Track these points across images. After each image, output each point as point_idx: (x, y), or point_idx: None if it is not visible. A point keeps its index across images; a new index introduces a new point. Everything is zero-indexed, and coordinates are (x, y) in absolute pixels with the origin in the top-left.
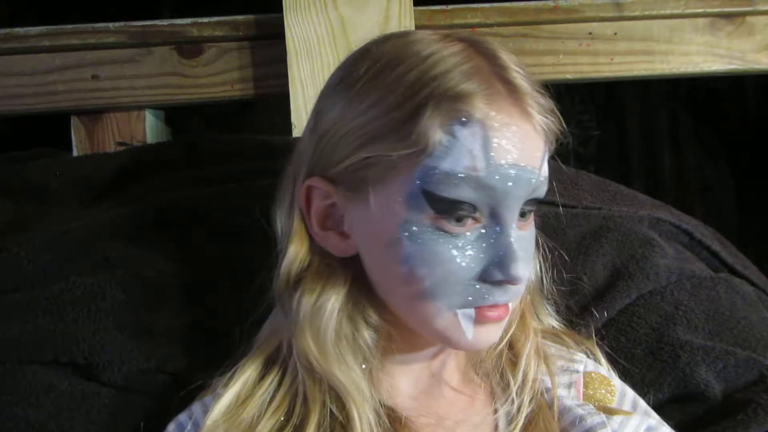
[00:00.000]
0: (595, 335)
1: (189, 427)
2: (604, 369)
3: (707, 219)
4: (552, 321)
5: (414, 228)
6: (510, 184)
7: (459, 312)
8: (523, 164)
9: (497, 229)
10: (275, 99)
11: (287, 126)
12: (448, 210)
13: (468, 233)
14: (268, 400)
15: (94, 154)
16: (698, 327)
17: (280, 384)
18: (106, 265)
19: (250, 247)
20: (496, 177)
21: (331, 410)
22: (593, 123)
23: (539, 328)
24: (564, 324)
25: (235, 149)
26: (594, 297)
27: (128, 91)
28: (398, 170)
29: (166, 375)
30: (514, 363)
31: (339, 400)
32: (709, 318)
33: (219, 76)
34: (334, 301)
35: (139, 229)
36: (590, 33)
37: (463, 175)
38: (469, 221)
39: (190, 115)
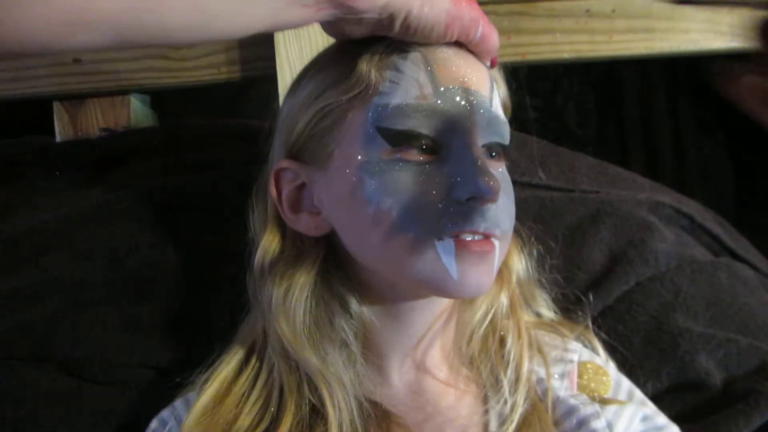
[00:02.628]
0: (592, 324)
1: (171, 424)
2: (601, 358)
3: (706, 201)
4: (546, 311)
5: (374, 165)
6: (461, 106)
7: (438, 245)
8: (471, 87)
9: (458, 152)
10: (267, 82)
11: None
12: (406, 142)
13: (429, 159)
14: (245, 395)
15: (76, 140)
16: (698, 314)
17: (256, 379)
18: (86, 255)
19: (235, 237)
20: (446, 100)
21: (310, 401)
22: (591, 104)
23: (531, 321)
24: (559, 313)
25: (218, 133)
26: (591, 284)
27: (112, 75)
28: (351, 115)
29: (150, 370)
30: (505, 359)
31: (317, 388)
32: (709, 305)
33: (205, 59)
34: (303, 281)
35: (121, 218)
36: (587, 10)
37: (414, 105)
38: (429, 149)
39: (176, 100)
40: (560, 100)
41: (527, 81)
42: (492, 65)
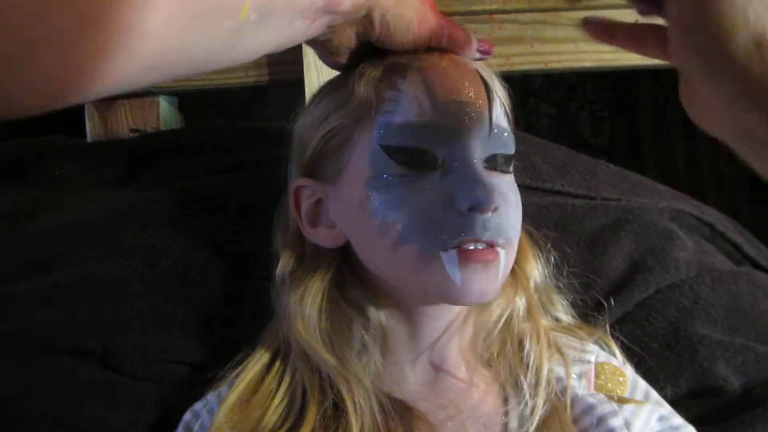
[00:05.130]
0: (611, 329)
1: (204, 415)
2: (617, 360)
3: (721, 208)
4: (565, 316)
5: (379, 181)
6: (459, 120)
7: (442, 255)
8: (468, 100)
9: (458, 165)
10: (290, 86)
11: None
12: (409, 158)
13: (431, 173)
14: (271, 395)
15: (107, 141)
16: (717, 322)
17: (281, 380)
18: (121, 253)
19: (265, 237)
20: (445, 115)
21: (333, 401)
22: (605, 112)
23: (549, 324)
24: (578, 318)
25: (245, 135)
26: (611, 290)
27: None
28: (357, 134)
29: (184, 365)
30: (524, 361)
31: (338, 387)
32: (728, 313)
33: None
34: (318, 287)
35: (154, 217)
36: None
37: (415, 123)
38: (432, 164)
39: (203, 102)
40: (574, 108)
41: (541, 89)
42: (487, 53)
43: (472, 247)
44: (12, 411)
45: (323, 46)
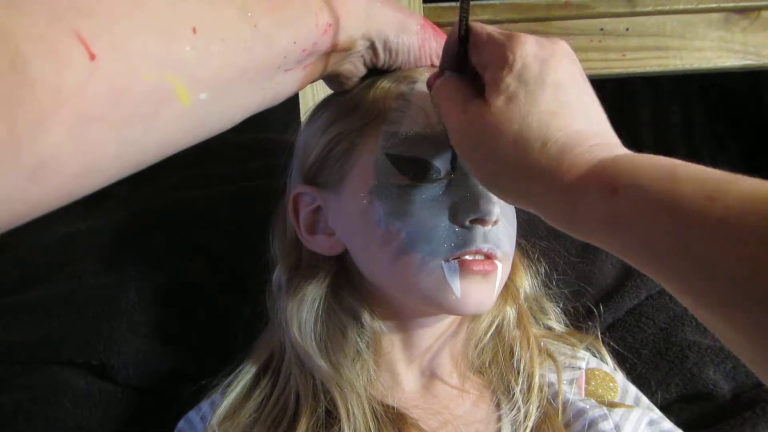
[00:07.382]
0: (602, 335)
1: (198, 424)
2: (608, 366)
3: None
4: (557, 325)
5: (383, 190)
6: None
7: (444, 265)
8: None
9: (462, 177)
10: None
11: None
12: (414, 169)
13: (435, 184)
14: (264, 402)
15: None
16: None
17: (274, 386)
18: (118, 265)
19: (260, 249)
20: None
21: (326, 407)
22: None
23: (541, 333)
24: (570, 326)
25: (246, 147)
26: (602, 297)
27: None
28: (363, 142)
29: (179, 375)
30: (515, 368)
31: (331, 394)
32: None
33: None
34: (315, 294)
35: (151, 229)
36: (601, 29)
37: (421, 134)
38: (436, 175)
39: None
40: None
41: None
42: None
43: (471, 258)
44: (11, 420)
45: (332, 80)
